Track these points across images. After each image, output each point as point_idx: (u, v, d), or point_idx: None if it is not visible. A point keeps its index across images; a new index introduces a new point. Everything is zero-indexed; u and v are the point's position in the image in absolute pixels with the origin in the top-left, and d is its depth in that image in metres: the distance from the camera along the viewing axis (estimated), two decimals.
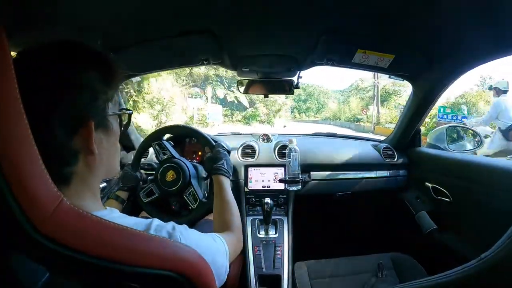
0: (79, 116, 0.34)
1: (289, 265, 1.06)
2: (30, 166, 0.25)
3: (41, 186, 0.25)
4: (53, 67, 0.33)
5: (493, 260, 0.32)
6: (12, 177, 0.23)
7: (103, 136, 0.38)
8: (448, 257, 1.06)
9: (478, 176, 0.95)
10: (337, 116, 33.06)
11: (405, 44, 0.87)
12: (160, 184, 0.93)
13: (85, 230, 0.27)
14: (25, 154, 0.24)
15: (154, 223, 0.40)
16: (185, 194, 0.93)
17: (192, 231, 0.45)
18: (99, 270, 0.27)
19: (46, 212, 0.25)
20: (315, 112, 40.97)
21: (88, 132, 0.35)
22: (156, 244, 0.32)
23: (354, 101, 30.59)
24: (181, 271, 0.32)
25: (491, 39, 0.73)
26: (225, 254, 0.50)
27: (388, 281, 0.99)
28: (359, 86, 31.29)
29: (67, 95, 0.33)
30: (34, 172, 0.25)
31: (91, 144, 0.35)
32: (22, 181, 0.24)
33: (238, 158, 1.26)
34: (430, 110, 1.18)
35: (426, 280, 0.39)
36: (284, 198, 1.22)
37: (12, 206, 0.23)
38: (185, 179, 0.92)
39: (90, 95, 0.35)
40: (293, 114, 36.39)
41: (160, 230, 0.39)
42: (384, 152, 1.33)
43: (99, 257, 0.26)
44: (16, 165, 0.24)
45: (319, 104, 41.73)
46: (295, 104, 40.84)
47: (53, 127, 0.32)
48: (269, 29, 0.83)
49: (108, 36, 0.82)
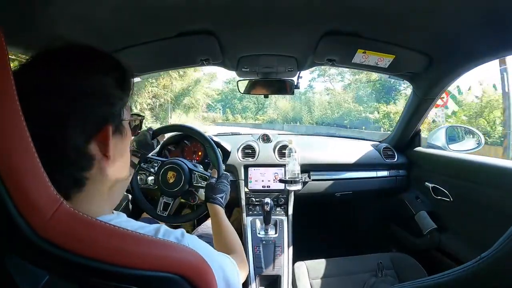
0: (97, 121, 0.34)
1: (289, 265, 1.06)
2: (28, 169, 0.24)
3: (40, 189, 0.25)
4: (69, 72, 0.33)
5: (493, 259, 0.32)
6: (10, 181, 0.23)
7: (117, 141, 0.38)
8: (448, 257, 1.07)
9: (479, 176, 0.95)
10: (289, 117, 24.70)
11: (405, 45, 0.87)
12: (161, 186, 0.93)
13: (85, 233, 0.27)
14: (23, 157, 0.24)
15: (162, 229, 0.39)
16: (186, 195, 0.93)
17: (202, 242, 0.44)
18: (99, 273, 0.27)
19: (45, 216, 0.25)
20: (254, 113, 30.33)
21: (106, 138, 0.35)
22: (158, 246, 0.32)
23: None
24: (183, 273, 0.32)
25: (491, 39, 0.73)
26: (237, 274, 0.49)
27: (388, 280, 0.99)
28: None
29: (84, 101, 0.33)
30: (33, 175, 0.25)
31: (108, 150, 0.35)
32: (20, 184, 0.24)
33: (238, 158, 1.26)
34: (430, 110, 1.18)
35: (426, 280, 0.39)
36: (284, 198, 1.22)
37: (10, 210, 0.23)
38: (186, 180, 0.92)
39: (107, 100, 0.35)
40: (225, 116, 29.99)
41: (168, 236, 0.38)
42: (384, 152, 1.33)
43: (99, 260, 0.26)
44: (14, 168, 0.23)
45: (259, 104, 29.99)
46: (228, 102, 31.41)
47: (70, 133, 0.32)
48: (269, 29, 0.83)
49: (108, 36, 0.82)
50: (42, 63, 0.34)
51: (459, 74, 0.96)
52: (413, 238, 1.24)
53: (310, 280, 1.00)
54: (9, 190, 0.23)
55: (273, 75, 1.21)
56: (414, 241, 1.22)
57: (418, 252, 1.16)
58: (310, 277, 1.01)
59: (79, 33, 0.77)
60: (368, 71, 1.37)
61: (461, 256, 1.00)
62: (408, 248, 1.24)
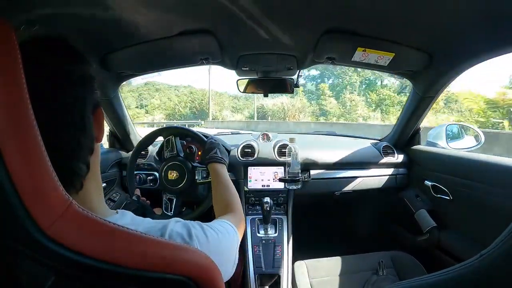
0: (94, 104, 0.36)
1: (288, 264, 1.06)
2: (38, 170, 0.24)
3: (49, 189, 0.25)
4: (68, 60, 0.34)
5: (493, 256, 0.32)
6: (19, 181, 0.23)
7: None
8: (448, 255, 1.07)
9: (478, 174, 0.95)
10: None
11: (405, 42, 0.87)
12: (163, 182, 0.94)
13: (93, 234, 0.27)
14: (33, 157, 0.24)
15: (168, 227, 0.38)
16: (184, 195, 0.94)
17: (210, 235, 0.43)
18: (106, 274, 0.27)
19: (54, 216, 0.24)
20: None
21: (100, 118, 0.37)
22: (166, 248, 0.32)
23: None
24: (190, 274, 0.32)
25: (491, 36, 0.73)
26: (237, 244, 0.50)
27: (388, 279, 0.99)
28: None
29: (90, 84, 0.35)
30: (42, 175, 0.24)
31: (102, 131, 0.37)
32: (30, 184, 0.23)
33: (237, 157, 1.26)
34: (430, 108, 1.18)
35: (426, 278, 0.39)
36: (284, 197, 1.22)
37: (19, 210, 0.23)
38: (189, 180, 0.92)
39: (96, 84, 0.37)
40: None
41: (175, 238, 0.38)
42: (384, 151, 1.33)
43: (106, 262, 0.26)
44: (23, 168, 0.23)
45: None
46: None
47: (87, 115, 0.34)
48: (269, 28, 0.82)
49: (107, 36, 0.82)
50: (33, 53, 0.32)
51: (459, 72, 0.95)
52: (413, 237, 1.24)
53: (310, 279, 1.00)
54: (18, 190, 0.23)
55: (273, 74, 1.21)
56: (414, 239, 1.22)
57: (418, 251, 1.17)
58: (310, 276, 1.01)
59: (78, 33, 0.76)
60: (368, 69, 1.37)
61: (461, 254, 1.00)
62: (408, 247, 1.25)
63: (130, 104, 26.92)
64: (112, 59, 0.94)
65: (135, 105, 28.37)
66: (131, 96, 29.06)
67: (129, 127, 1.34)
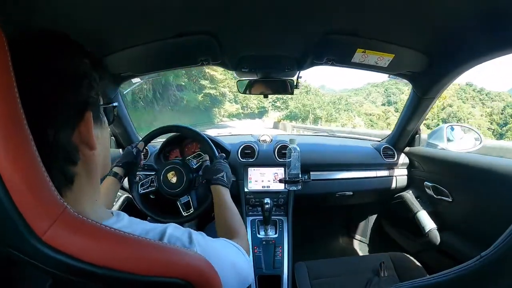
0: (79, 107, 0.32)
1: (289, 265, 1.06)
2: (32, 175, 0.24)
3: (44, 195, 0.25)
4: (49, 55, 0.31)
5: (493, 258, 0.32)
6: (13, 186, 0.23)
7: (97, 131, 0.36)
8: (448, 256, 1.06)
9: (479, 176, 0.95)
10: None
11: (405, 44, 0.87)
12: (161, 184, 0.93)
13: (89, 239, 0.26)
14: (27, 162, 0.24)
15: (168, 231, 0.37)
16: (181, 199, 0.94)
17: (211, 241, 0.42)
18: (102, 279, 0.27)
19: (49, 221, 0.24)
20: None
21: (88, 125, 0.33)
22: (164, 251, 0.31)
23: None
24: (188, 278, 0.31)
25: (491, 37, 0.73)
26: (244, 263, 0.48)
27: (388, 281, 0.99)
28: None
29: (71, 85, 0.32)
30: (37, 181, 0.24)
31: (92, 138, 0.33)
32: (24, 190, 0.23)
33: (237, 158, 1.26)
34: (430, 109, 1.18)
35: (426, 279, 0.39)
36: (284, 198, 1.22)
37: (14, 216, 0.23)
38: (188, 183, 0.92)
39: (88, 81, 0.33)
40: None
41: (174, 242, 0.37)
42: (384, 152, 1.33)
43: (103, 267, 0.26)
44: (17, 174, 0.23)
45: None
46: None
47: (59, 121, 0.30)
48: (269, 30, 0.83)
49: (108, 37, 0.82)
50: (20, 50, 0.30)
51: (458, 73, 0.95)
52: (413, 238, 1.24)
53: (311, 281, 1.00)
54: (12, 196, 0.23)
55: (273, 75, 1.21)
56: (415, 240, 1.22)
57: (419, 252, 1.16)
58: (310, 277, 1.00)
59: (79, 33, 0.76)
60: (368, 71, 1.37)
61: (461, 256, 1.00)
62: (408, 248, 1.24)
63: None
64: (112, 60, 0.94)
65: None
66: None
67: (129, 127, 1.34)
